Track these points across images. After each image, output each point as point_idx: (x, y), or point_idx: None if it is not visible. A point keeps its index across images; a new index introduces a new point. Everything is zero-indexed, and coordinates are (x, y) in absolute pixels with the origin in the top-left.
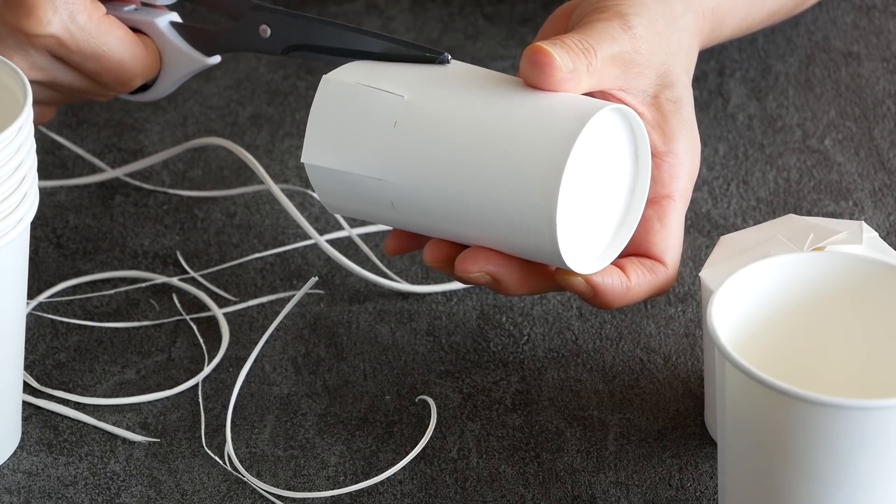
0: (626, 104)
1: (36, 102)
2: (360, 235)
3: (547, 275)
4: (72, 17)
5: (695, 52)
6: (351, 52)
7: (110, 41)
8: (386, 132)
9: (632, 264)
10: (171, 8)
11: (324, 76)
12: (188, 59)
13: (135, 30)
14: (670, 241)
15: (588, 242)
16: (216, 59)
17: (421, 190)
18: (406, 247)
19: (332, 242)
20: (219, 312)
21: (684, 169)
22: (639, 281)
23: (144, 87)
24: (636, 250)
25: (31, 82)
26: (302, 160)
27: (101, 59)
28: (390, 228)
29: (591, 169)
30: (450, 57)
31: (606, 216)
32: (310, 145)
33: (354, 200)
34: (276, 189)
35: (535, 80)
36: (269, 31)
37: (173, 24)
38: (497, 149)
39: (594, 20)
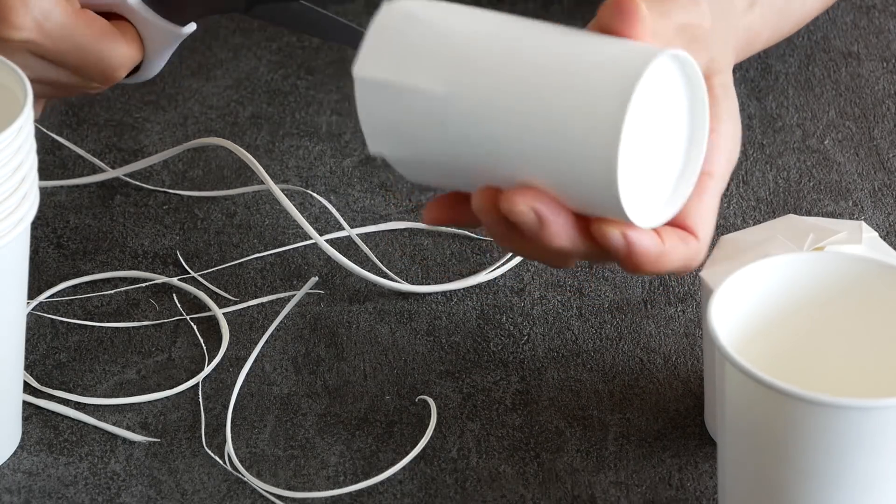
0: None
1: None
2: (360, 235)
3: (589, 233)
4: (46, 17)
5: (735, 55)
6: (304, 24)
7: (87, 36)
8: (448, 48)
9: (666, 231)
10: None
11: (384, 3)
12: (166, 34)
13: (111, 14)
14: (706, 216)
15: (646, 193)
16: (192, 27)
17: (478, 110)
18: (447, 216)
19: (332, 242)
20: (219, 312)
21: (726, 150)
22: (673, 247)
23: (135, 69)
24: (670, 220)
25: None
26: (353, 72)
27: (81, 53)
28: (390, 228)
29: (654, 115)
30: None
31: (665, 171)
32: (364, 57)
33: (403, 124)
34: (276, 189)
35: (616, 26)
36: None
37: (144, 0)
38: (562, 76)
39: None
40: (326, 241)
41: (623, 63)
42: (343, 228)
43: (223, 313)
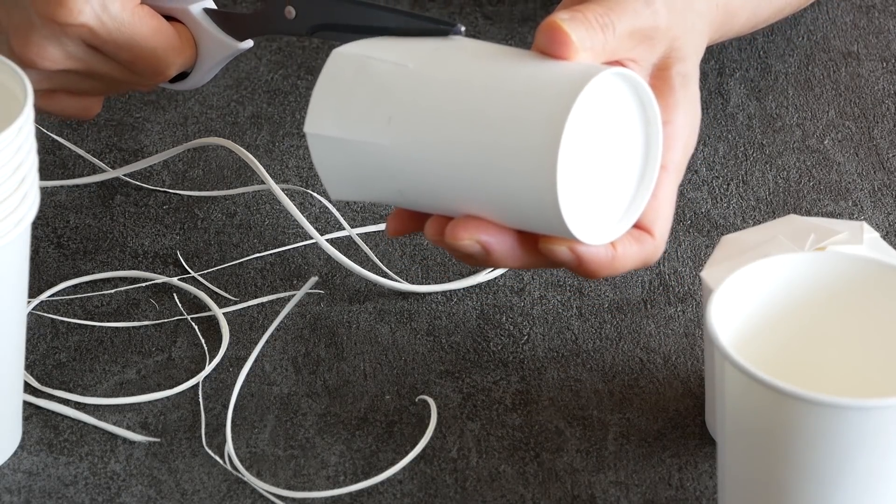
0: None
1: (80, 93)
2: (360, 235)
3: (537, 246)
4: (104, 7)
5: (705, 38)
6: (373, 29)
7: (143, 30)
8: (388, 98)
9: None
10: None
11: (334, 49)
12: (222, 45)
13: (170, 18)
14: (661, 211)
15: (597, 211)
16: (249, 43)
17: (421, 152)
18: (407, 227)
19: (332, 242)
20: (219, 312)
21: (680, 140)
22: (625, 251)
23: (184, 76)
24: None
25: (69, 72)
26: (304, 129)
27: (135, 48)
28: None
29: (597, 133)
30: (463, 29)
31: (615, 187)
32: (313, 115)
33: (356, 173)
34: (276, 189)
35: (550, 52)
36: (294, 13)
37: (206, 10)
38: (497, 106)
39: None
40: (326, 240)
41: (555, 89)
42: (343, 228)
43: (223, 313)
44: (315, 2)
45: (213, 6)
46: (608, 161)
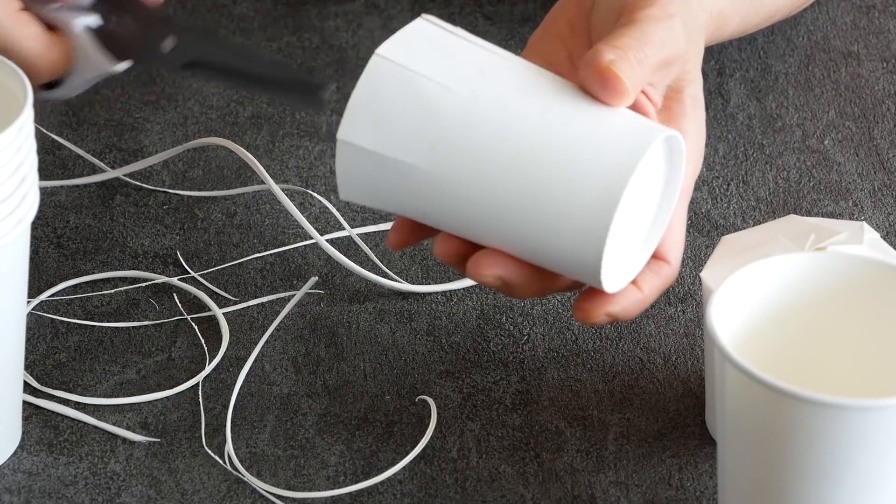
0: (649, 99)
1: None
2: (360, 235)
3: (556, 280)
4: None
5: (702, 50)
6: (247, 75)
7: (16, 34)
8: (433, 124)
9: (642, 274)
10: (96, 10)
11: (376, 51)
12: (96, 63)
13: (54, 27)
14: (675, 239)
15: (620, 257)
16: (125, 64)
17: (461, 186)
18: (410, 240)
19: (332, 242)
20: (219, 312)
21: (691, 165)
22: (651, 288)
23: (56, 84)
24: None
25: None
26: (338, 136)
27: (9, 52)
28: (390, 228)
29: (635, 191)
30: (331, 88)
31: (637, 232)
32: (350, 123)
33: (379, 185)
34: (276, 189)
35: (598, 96)
36: (172, 45)
37: (90, 27)
38: (550, 161)
39: (646, 18)
40: (326, 240)
41: (611, 157)
42: (343, 228)
43: (224, 313)
44: (198, 38)
45: (100, 23)
46: (636, 209)
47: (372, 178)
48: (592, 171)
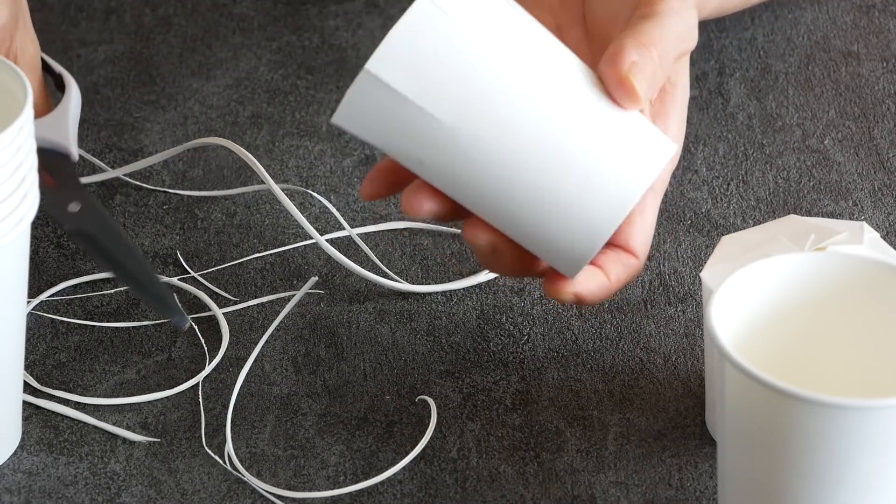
0: None
1: None
2: (360, 235)
3: (535, 264)
4: None
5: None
6: (122, 272)
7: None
8: (467, 84)
9: (609, 262)
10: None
11: None
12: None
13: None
14: (644, 233)
15: None
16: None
17: (473, 153)
18: (382, 193)
19: (332, 242)
20: (219, 312)
21: (669, 164)
22: (617, 278)
23: None
24: (613, 240)
25: None
26: (367, 67)
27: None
28: (390, 228)
29: None
30: (187, 325)
31: None
32: (383, 58)
33: (387, 124)
34: (276, 188)
35: (614, 96)
36: (76, 209)
37: (44, 149)
38: (564, 164)
39: (668, 11)
40: (326, 240)
41: (620, 180)
42: (343, 228)
43: (224, 313)
44: (93, 221)
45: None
46: None
47: (383, 117)
48: (608, 178)
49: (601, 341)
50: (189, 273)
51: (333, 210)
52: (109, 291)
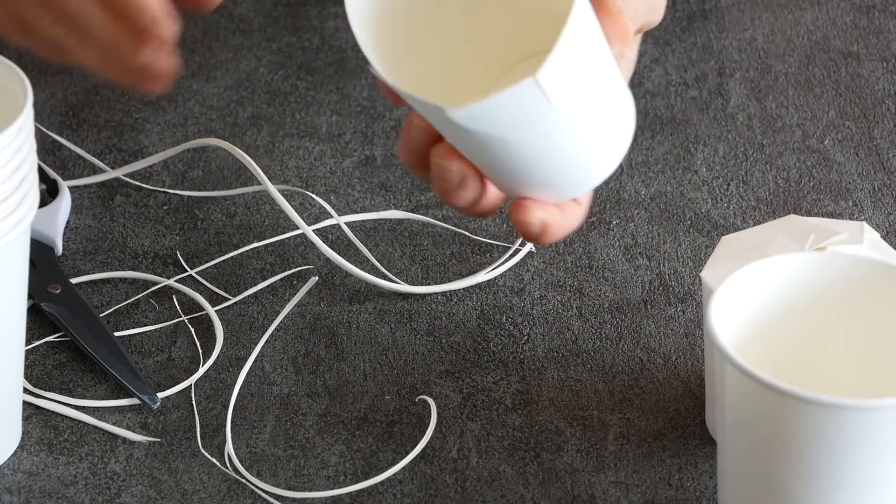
0: None
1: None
2: (359, 230)
3: (491, 202)
4: None
5: None
6: (98, 352)
7: None
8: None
9: (566, 204)
10: None
11: None
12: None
13: None
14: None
15: None
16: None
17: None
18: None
19: (331, 241)
20: (212, 312)
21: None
22: (572, 217)
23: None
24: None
25: None
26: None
27: None
28: (388, 217)
29: None
30: (158, 404)
31: None
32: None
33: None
34: (272, 189)
35: (606, 33)
36: (57, 291)
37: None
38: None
39: None
40: (325, 241)
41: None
42: (343, 229)
43: (222, 313)
44: (69, 307)
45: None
46: None
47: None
48: (621, 124)
49: (601, 341)
50: (188, 273)
51: (332, 212)
52: (109, 291)
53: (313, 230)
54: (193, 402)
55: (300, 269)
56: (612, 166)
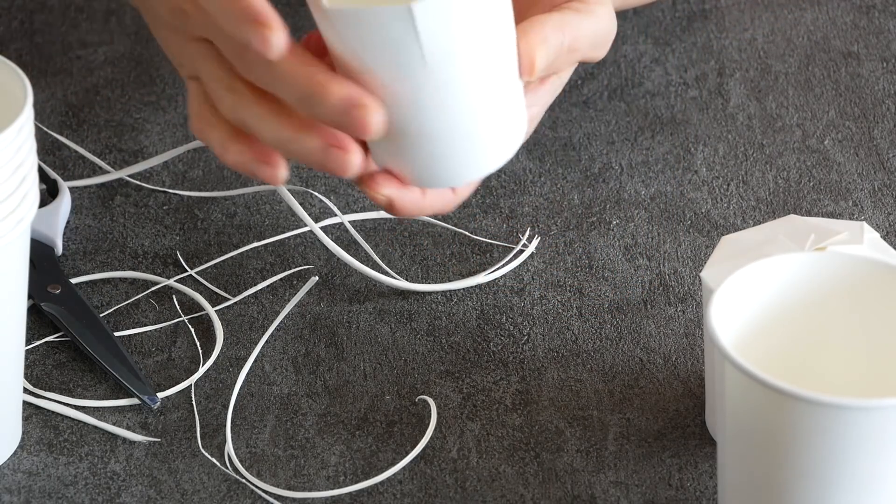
0: None
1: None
2: (360, 229)
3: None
4: None
5: None
6: (95, 352)
7: None
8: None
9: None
10: None
11: None
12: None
13: None
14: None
15: None
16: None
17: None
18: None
19: (331, 240)
20: (212, 312)
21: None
22: (431, 204)
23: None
24: None
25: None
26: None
27: None
28: (390, 228)
29: None
30: (157, 404)
31: None
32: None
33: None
34: (281, 187)
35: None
36: (58, 291)
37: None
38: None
39: (594, 13)
40: (327, 236)
41: (505, 137)
42: (344, 228)
43: (222, 313)
44: (69, 307)
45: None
46: None
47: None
48: (497, 133)
49: (601, 341)
50: (188, 273)
51: (334, 208)
52: (109, 291)
53: (315, 225)
54: (193, 402)
55: (300, 269)
56: (480, 168)
